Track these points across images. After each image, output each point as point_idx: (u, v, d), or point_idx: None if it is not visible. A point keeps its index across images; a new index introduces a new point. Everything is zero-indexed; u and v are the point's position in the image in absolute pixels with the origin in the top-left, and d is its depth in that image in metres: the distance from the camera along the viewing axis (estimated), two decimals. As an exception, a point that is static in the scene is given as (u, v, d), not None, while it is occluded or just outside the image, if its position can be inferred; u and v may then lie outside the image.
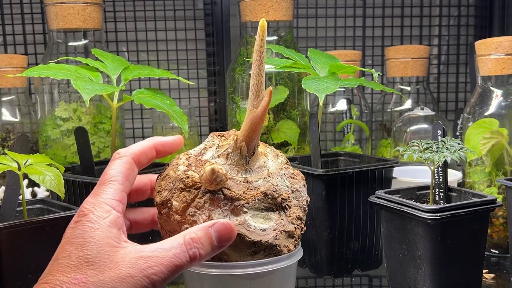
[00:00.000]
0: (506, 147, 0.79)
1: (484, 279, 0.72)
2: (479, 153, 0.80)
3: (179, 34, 1.26)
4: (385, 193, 0.64)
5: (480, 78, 0.85)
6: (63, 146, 0.92)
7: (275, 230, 0.48)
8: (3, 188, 0.86)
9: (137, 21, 1.25)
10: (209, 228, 0.44)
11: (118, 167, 0.47)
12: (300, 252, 0.51)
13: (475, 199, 0.61)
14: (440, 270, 0.58)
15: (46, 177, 0.57)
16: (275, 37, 0.96)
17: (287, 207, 0.49)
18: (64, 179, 0.58)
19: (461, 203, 0.60)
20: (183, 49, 1.27)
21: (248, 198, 0.47)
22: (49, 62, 0.76)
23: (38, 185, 0.92)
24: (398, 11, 1.34)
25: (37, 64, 1.18)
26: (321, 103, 0.72)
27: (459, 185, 0.89)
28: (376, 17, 1.33)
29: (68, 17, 0.92)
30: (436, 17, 1.36)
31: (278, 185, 0.49)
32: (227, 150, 0.50)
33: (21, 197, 0.59)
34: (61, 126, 0.92)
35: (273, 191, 0.48)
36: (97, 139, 0.92)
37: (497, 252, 0.81)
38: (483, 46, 0.83)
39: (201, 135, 1.25)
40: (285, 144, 0.92)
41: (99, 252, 0.41)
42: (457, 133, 1.15)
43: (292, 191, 0.50)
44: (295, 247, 0.49)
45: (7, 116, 1.03)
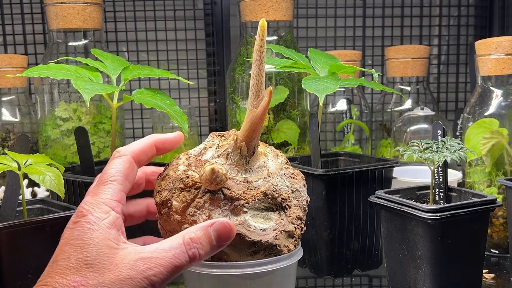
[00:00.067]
0: (506, 147, 0.79)
1: (484, 279, 0.72)
2: (479, 153, 0.80)
3: (179, 34, 1.26)
4: (385, 193, 0.64)
5: (480, 78, 0.84)
6: (63, 146, 0.92)
7: (275, 230, 0.48)
8: (3, 188, 0.86)
9: (137, 21, 1.25)
10: (208, 227, 0.44)
11: (117, 166, 0.47)
12: (300, 252, 0.50)
13: (475, 199, 0.61)
14: (440, 270, 0.58)
15: (46, 177, 0.57)
16: (275, 37, 0.96)
17: (287, 207, 0.49)
18: (64, 179, 0.58)
19: (461, 203, 0.60)
20: (183, 49, 1.27)
21: (248, 198, 0.47)
22: (49, 62, 0.76)
23: (38, 185, 0.92)
24: (398, 11, 1.34)
25: (37, 64, 1.18)
26: (321, 103, 0.72)
27: (459, 185, 0.89)
28: (376, 17, 1.33)
29: (68, 17, 0.92)
30: (436, 17, 1.36)
31: (278, 185, 0.49)
32: (227, 150, 0.50)
33: (21, 197, 0.59)
34: (61, 126, 0.92)
35: (273, 191, 0.48)
36: (97, 139, 0.92)
37: (497, 252, 0.81)
38: (483, 46, 0.83)
39: (201, 135, 1.25)
40: (285, 144, 0.92)
41: (98, 254, 0.41)
42: (457, 133, 1.15)
43: (292, 191, 0.50)
44: (295, 247, 0.49)
45: (7, 116, 1.03)
